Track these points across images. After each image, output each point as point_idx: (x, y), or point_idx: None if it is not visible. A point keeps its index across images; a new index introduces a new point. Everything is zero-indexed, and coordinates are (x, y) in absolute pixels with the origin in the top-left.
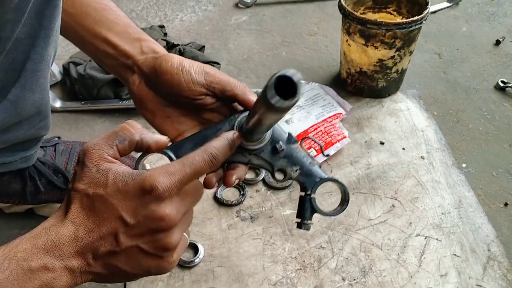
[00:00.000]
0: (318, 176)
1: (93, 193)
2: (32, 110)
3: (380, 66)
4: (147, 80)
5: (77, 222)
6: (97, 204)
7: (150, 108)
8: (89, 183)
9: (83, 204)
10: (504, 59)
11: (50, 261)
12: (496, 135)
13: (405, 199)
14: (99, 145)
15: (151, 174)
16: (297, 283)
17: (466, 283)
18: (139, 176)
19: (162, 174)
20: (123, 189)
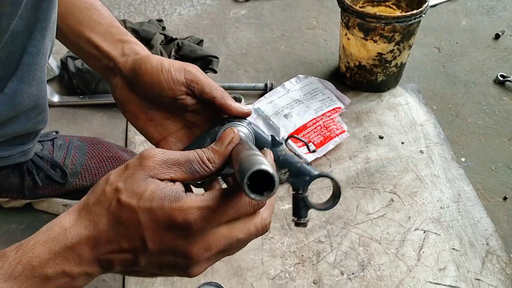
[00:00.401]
0: (308, 174)
1: (125, 200)
2: (29, 103)
3: (379, 60)
4: (129, 83)
5: (100, 228)
6: (124, 214)
7: (133, 111)
8: (129, 188)
9: (110, 208)
10: (504, 53)
11: (68, 267)
12: (495, 129)
13: (404, 193)
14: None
15: (187, 207)
16: (296, 277)
17: (465, 277)
18: (176, 203)
19: (201, 210)
20: (155, 211)
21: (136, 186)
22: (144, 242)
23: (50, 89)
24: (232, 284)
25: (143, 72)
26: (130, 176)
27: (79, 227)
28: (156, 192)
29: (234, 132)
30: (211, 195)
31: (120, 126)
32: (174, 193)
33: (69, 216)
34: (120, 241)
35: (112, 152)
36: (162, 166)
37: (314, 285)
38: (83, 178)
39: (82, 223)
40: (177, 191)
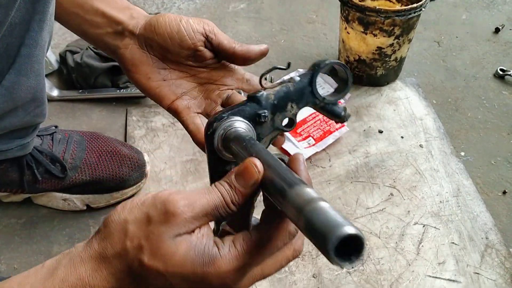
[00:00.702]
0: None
1: (150, 264)
2: (28, 96)
3: (379, 54)
4: (142, 41)
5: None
6: (150, 277)
7: (145, 71)
8: (154, 248)
9: (132, 268)
10: (504, 47)
11: None
12: (495, 123)
13: (404, 187)
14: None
15: (223, 271)
16: (295, 271)
17: (464, 271)
18: (211, 267)
19: (238, 271)
20: (187, 276)
21: (163, 248)
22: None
23: (49, 83)
24: None
25: (161, 25)
26: (153, 233)
27: (99, 280)
28: (187, 255)
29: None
30: (244, 249)
31: (119, 121)
32: (207, 253)
33: (85, 265)
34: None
35: (111, 146)
36: (190, 221)
37: (314, 279)
38: (83, 172)
39: (103, 275)
40: (209, 249)
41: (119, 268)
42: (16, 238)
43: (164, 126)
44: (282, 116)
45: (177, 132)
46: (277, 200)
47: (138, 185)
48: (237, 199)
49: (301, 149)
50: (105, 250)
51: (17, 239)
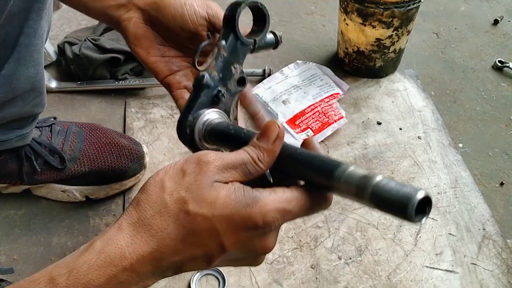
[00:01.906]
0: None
1: (197, 212)
2: (27, 85)
3: (377, 45)
4: (147, 16)
5: (165, 242)
6: (198, 226)
7: (146, 45)
8: (196, 197)
9: (177, 220)
10: (502, 38)
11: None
12: (493, 115)
13: (402, 179)
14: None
15: (266, 209)
16: (294, 261)
17: (461, 262)
18: (253, 206)
19: (279, 211)
20: (232, 216)
21: (205, 194)
22: (223, 246)
23: (48, 75)
24: (231, 269)
25: (165, 5)
26: (192, 183)
27: (139, 245)
28: (230, 197)
29: (279, 127)
30: (285, 196)
31: (118, 112)
32: (248, 195)
33: (122, 233)
34: (192, 250)
35: (110, 138)
36: (222, 170)
37: (312, 270)
38: (82, 164)
39: (142, 239)
40: (249, 192)
41: (160, 226)
42: (16, 230)
43: (163, 117)
44: (233, 81)
45: (175, 123)
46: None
47: (137, 177)
48: (262, 156)
49: (300, 141)
50: (144, 212)
51: (17, 230)
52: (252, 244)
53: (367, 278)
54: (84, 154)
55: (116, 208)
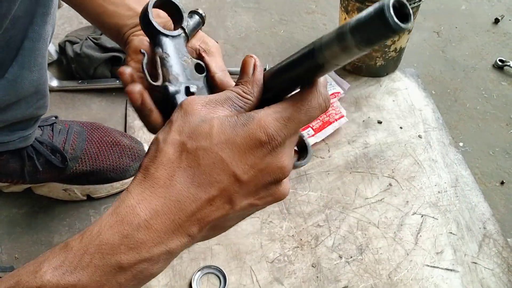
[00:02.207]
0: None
1: (196, 146)
2: (30, 89)
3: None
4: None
5: (176, 189)
6: (202, 161)
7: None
8: (190, 134)
9: (180, 164)
10: (503, 37)
11: (146, 250)
12: (494, 114)
13: (402, 178)
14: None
15: (264, 122)
16: (295, 260)
17: (462, 261)
18: (250, 123)
19: (278, 120)
20: (233, 139)
21: (197, 129)
22: (236, 177)
23: (49, 73)
24: (232, 268)
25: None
26: (182, 125)
27: (150, 200)
28: (224, 124)
29: (254, 57)
30: (280, 106)
31: (119, 111)
32: (242, 117)
33: (130, 193)
34: (207, 191)
35: (111, 137)
36: (207, 107)
37: (313, 269)
38: (83, 163)
39: (152, 194)
40: (242, 114)
41: (166, 175)
42: (17, 228)
43: None
44: (192, 74)
45: None
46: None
47: None
48: (248, 88)
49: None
50: (147, 170)
51: (18, 229)
52: (266, 167)
53: (367, 277)
54: (85, 153)
55: None
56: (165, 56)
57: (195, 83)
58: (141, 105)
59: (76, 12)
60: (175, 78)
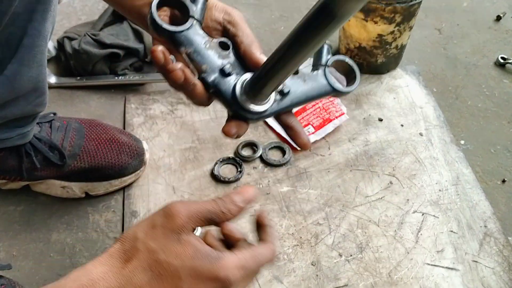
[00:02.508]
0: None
1: (166, 261)
2: (29, 86)
3: (379, 41)
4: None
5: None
6: (166, 273)
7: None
8: (165, 248)
9: (147, 267)
10: (505, 35)
11: None
12: (495, 111)
13: (403, 176)
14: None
15: (227, 266)
16: (294, 258)
17: (462, 259)
18: (217, 263)
19: (238, 268)
20: (198, 269)
21: (172, 247)
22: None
23: (47, 70)
24: None
25: None
26: (161, 237)
27: (110, 280)
28: (197, 252)
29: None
30: (245, 255)
31: (118, 108)
32: (213, 253)
33: (96, 268)
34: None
35: (110, 134)
36: (188, 221)
37: (312, 267)
38: (82, 160)
39: (113, 277)
40: (213, 251)
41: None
42: (15, 226)
43: (163, 113)
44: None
45: (176, 120)
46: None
47: (137, 173)
48: (232, 209)
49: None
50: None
51: (16, 226)
52: None
53: (367, 275)
54: (84, 150)
55: (115, 204)
56: (190, 51)
57: (226, 61)
58: (184, 82)
59: (74, 8)
60: (208, 67)
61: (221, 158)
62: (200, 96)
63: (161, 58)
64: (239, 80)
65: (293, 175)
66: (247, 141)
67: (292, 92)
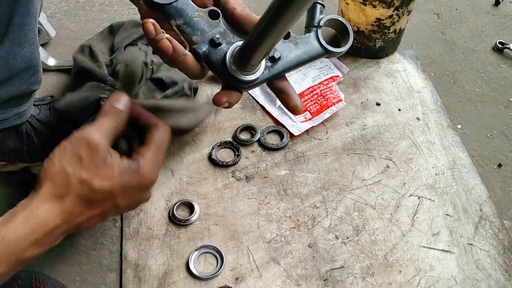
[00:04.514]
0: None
1: (100, 186)
2: (23, 65)
3: (378, 25)
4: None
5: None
6: (102, 196)
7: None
8: (97, 176)
9: (86, 196)
10: (503, 19)
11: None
12: (492, 96)
13: (400, 159)
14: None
15: (146, 171)
16: (291, 240)
17: (458, 242)
18: (139, 172)
19: (154, 167)
20: (127, 184)
21: (103, 172)
22: (117, 205)
23: (46, 53)
24: (229, 247)
25: None
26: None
27: (55, 219)
28: (121, 169)
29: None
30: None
31: None
32: (133, 165)
33: (39, 208)
34: (91, 212)
35: None
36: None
37: (309, 249)
38: None
39: (57, 214)
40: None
41: (70, 203)
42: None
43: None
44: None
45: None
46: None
47: None
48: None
49: (297, 123)
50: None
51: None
52: (141, 197)
53: (364, 257)
54: None
55: None
56: (180, 23)
57: (216, 31)
58: (174, 53)
59: None
60: (198, 37)
61: (219, 142)
62: (192, 67)
63: (152, 30)
64: (229, 50)
65: (290, 159)
66: (245, 125)
67: (284, 58)
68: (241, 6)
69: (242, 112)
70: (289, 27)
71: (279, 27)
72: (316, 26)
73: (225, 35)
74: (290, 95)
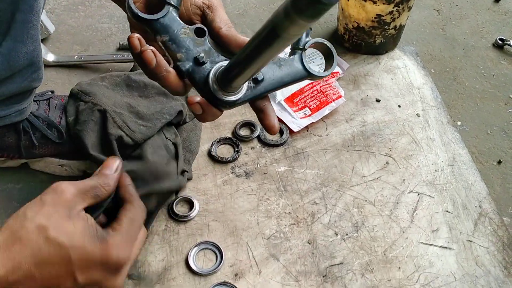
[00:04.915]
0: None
1: (55, 237)
2: (24, 62)
3: (378, 21)
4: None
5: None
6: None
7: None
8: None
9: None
10: (504, 16)
11: None
12: (492, 93)
13: (399, 156)
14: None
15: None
16: (291, 237)
17: (457, 238)
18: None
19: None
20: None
21: (64, 224)
22: (74, 279)
23: (45, 48)
24: (228, 243)
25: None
26: (52, 213)
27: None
28: (86, 228)
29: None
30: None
31: None
32: (101, 231)
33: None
34: (45, 279)
35: None
36: (76, 197)
37: (309, 245)
38: None
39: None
40: (101, 230)
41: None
42: (14, 203)
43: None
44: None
45: None
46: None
47: None
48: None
49: (297, 119)
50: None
51: (15, 204)
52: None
53: (363, 253)
54: None
55: None
56: (165, 39)
57: (201, 49)
58: (157, 67)
59: None
60: (183, 55)
61: (218, 138)
62: (173, 84)
63: (137, 45)
64: (212, 69)
65: (290, 155)
66: (245, 121)
67: (267, 79)
68: (227, 26)
69: (242, 108)
70: (273, 58)
71: (264, 58)
72: (301, 49)
73: (210, 53)
74: (268, 115)
